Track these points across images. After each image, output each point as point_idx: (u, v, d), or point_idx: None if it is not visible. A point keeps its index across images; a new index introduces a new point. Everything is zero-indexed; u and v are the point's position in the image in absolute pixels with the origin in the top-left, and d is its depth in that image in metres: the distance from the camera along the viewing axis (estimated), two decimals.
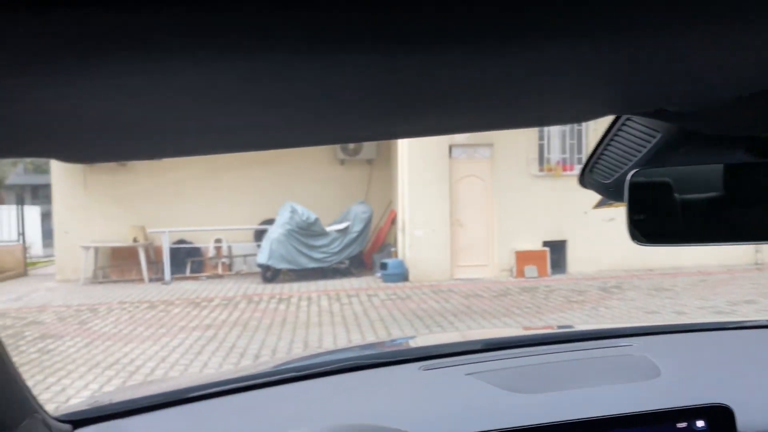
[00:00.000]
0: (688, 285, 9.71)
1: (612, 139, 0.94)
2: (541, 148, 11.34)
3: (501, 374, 1.27)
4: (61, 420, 1.06)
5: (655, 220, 0.89)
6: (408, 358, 1.41)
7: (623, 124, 0.90)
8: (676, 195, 0.87)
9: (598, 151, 0.97)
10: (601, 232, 11.35)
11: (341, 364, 1.36)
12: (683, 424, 1.05)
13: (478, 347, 1.52)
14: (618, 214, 11.42)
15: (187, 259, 12.08)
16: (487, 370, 1.29)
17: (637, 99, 0.69)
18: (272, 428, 1.14)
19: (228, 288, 10.65)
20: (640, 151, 0.89)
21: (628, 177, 0.86)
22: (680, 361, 1.38)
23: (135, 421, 1.15)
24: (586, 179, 1.03)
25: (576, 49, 0.47)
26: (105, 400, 1.24)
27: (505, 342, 1.60)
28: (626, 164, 0.92)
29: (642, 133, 0.88)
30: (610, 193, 1.00)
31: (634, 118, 0.87)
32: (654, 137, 0.85)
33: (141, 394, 1.28)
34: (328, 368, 1.33)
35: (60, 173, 12.06)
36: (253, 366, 2.10)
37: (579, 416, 1.06)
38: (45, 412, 0.97)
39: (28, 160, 20.38)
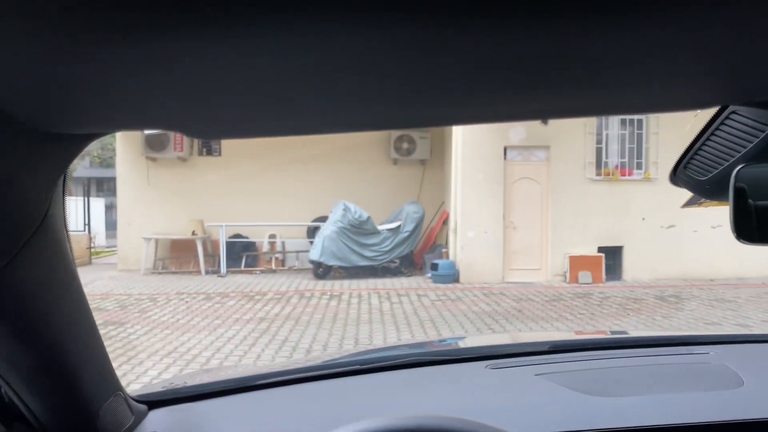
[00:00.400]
0: (752, 296, 9.32)
1: (713, 134, 0.89)
2: (599, 151, 11.10)
3: (572, 376, 1.24)
4: (138, 401, 1.11)
5: (764, 216, 0.84)
6: (473, 356, 1.40)
7: (727, 117, 0.85)
8: None
9: (696, 146, 0.92)
10: (660, 239, 11.03)
11: (406, 359, 1.36)
12: None
13: (545, 348, 1.48)
14: (679, 221, 11.08)
15: (242, 253, 12.38)
16: (557, 372, 1.26)
17: (757, 86, 0.62)
18: (342, 417, 1.15)
19: (281, 283, 10.84)
20: (744, 146, 0.84)
21: (735, 172, 0.82)
22: (763, 372, 1.30)
23: (207, 405, 1.19)
24: (678, 176, 0.98)
25: (689, 27, 0.44)
26: (179, 384, 1.29)
27: (574, 344, 1.56)
28: (727, 160, 0.87)
29: (749, 127, 0.82)
30: (704, 191, 0.96)
31: (740, 110, 0.82)
32: (763, 131, 0.81)
33: (213, 379, 1.32)
34: (394, 362, 1.34)
35: (124, 167, 12.55)
36: (313, 359, 2.12)
37: (658, 423, 1.02)
38: (125, 391, 1.01)
39: (95, 153, 21.25)
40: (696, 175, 0.94)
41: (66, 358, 0.80)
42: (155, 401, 1.15)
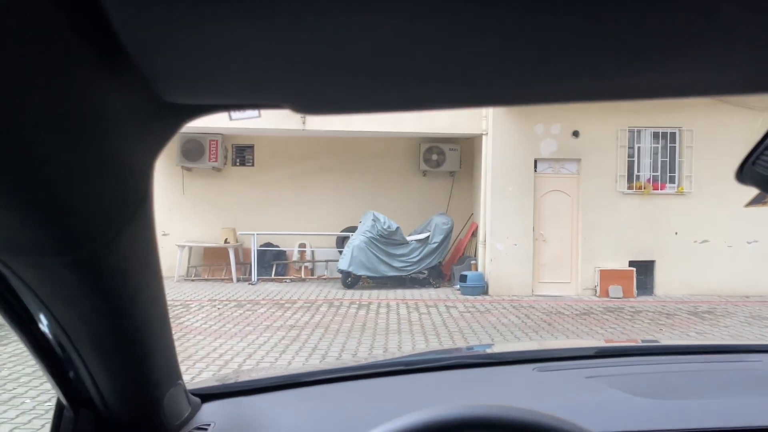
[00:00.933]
0: None
1: None
2: (630, 165, 11.00)
3: (624, 379, 1.23)
4: (193, 393, 1.15)
5: None
6: (520, 359, 1.40)
7: None
8: None
9: (767, 141, 0.87)
10: (693, 253, 10.86)
11: (454, 361, 1.37)
12: None
13: (592, 353, 1.47)
14: (713, 236, 10.89)
15: (272, 262, 12.55)
16: (609, 375, 1.25)
17: None
18: (393, 413, 1.18)
19: (310, 291, 10.96)
20: None
21: None
22: None
23: (258, 399, 1.23)
24: (746, 173, 0.92)
25: None
26: (231, 379, 1.33)
27: (620, 350, 1.55)
28: None
29: None
30: None
31: None
32: None
33: (262, 376, 1.36)
34: (442, 363, 1.35)
35: (161, 176, 12.84)
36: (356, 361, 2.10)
37: (714, 425, 1.01)
38: (184, 384, 1.04)
39: None
40: (765, 171, 0.89)
41: (144, 341, 0.82)
42: (208, 394, 1.19)
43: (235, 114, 9.44)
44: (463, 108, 0.64)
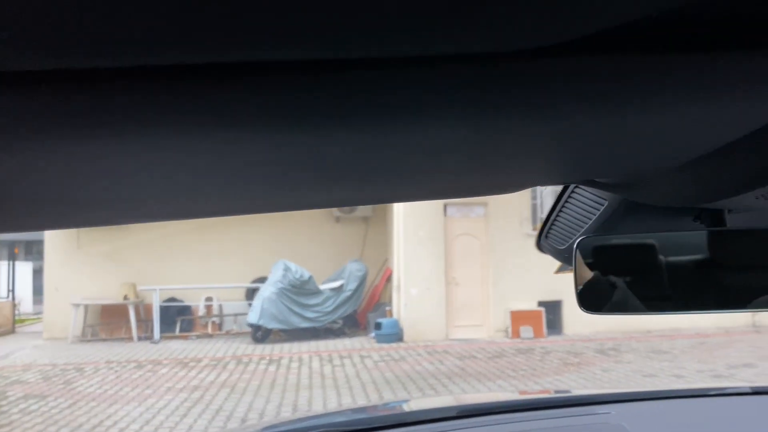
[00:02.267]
0: (686, 348, 9.57)
1: (563, 207, 0.94)
2: (534, 207, 11.39)
3: None
4: None
5: (603, 287, 0.87)
6: (377, 426, 1.38)
7: (572, 193, 0.90)
8: (625, 262, 0.86)
9: (552, 217, 0.97)
10: None
11: (324, 429, 1.35)
12: None
13: (453, 414, 1.49)
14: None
15: (177, 318, 11.89)
16: None
17: (563, 172, 0.70)
18: None
19: (217, 348, 10.44)
20: (589, 219, 0.89)
21: (575, 244, 0.85)
22: (656, 429, 1.35)
23: None
24: (542, 244, 1.04)
25: (507, 125, 0.49)
26: None
27: (480, 409, 1.57)
28: (578, 231, 0.92)
29: (590, 201, 0.88)
30: (565, 259, 1.00)
31: (582, 187, 0.87)
32: (601, 206, 0.86)
33: None
34: None
35: (53, 231, 12.04)
36: (241, 429, 2.08)
37: None
38: None
39: None
40: (556, 243, 0.99)
41: None
42: None
43: None
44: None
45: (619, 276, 0.86)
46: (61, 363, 9.25)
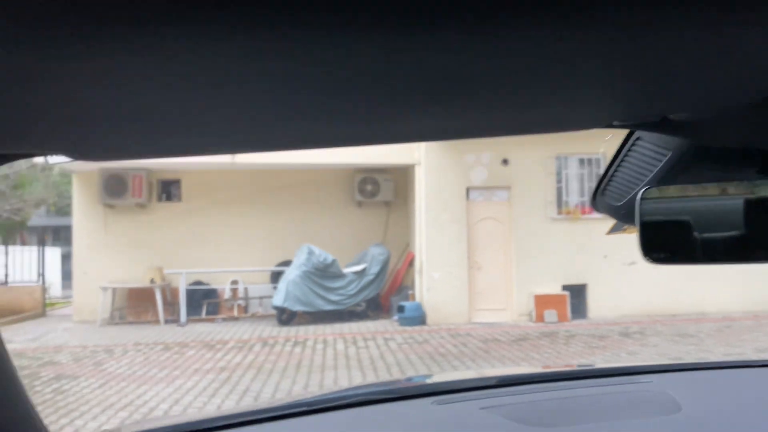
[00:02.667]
0: (712, 331, 9.46)
1: (623, 160, 0.93)
2: (559, 191, 11.30)
3: (517, 408, 1.25)
4: None
5: (667, 237, 0.87)
6: (420, 393, 1.40)
7: (633, 144, 0.89)
8: (689, 212, 0.86)
9: (609, 172, 0.96)
10: (622, 276, 11.17)
11: (352, 399, 1.35)
12: None
13: (493, 383, 1.50)
14: (640, 258, 11.22)
15: (203, 301, 12.07)
16: (503, 405, 1.27)
17: (640, 107, 0.67)
18: None
19: (243, 330, 10.58)
20: (651, 171, 0.88)
21: (639, 194, 0.85)
22: (701, 397, 1.35)
23: None
24: (598, 203, 1.01)
25: (576, 48, 0.46)
26: (123, 430, 1.25)
27: (521, 378, 1.58)
28: (637, 184, 0.91)
29: (652, 152, 0.86)
30: (621, 217, 0.98)
31: (645, 136, 0.86)
32: (665, 155, 0.84)
33: (157, 425, 1.29)
34: (340, 402, 1.32)
35: (81, 215, 12.24)
36: (268, 403, 2.10)
37: None
38: None
39: (51, 201, 20.72)
40: (612, 200, 0.97)
41: None
42: None
43: (51, 159, 9.21)
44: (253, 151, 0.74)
45: (685, 226, 0.85)
46: (90, 345, 9.45)
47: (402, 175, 12.71)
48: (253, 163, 11.25)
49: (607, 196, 0.98)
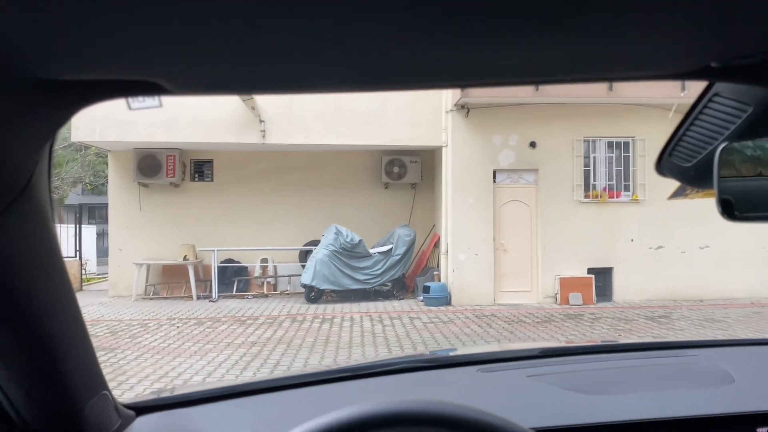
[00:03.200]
0: (741, 317, 9.39)
1: (697, 117, 0.87)
2: (586, 174, 11.24)
3: (564, 377, 1.24)
4: (127, 407, 1.10)
5: (748, 194, 0.83)
6: (463, 362, 1.40)
7: (710, 100, 0.84)
8: None
9: (680, 132, 0.90)
10: (649, 260, 11.12)
11: (397, 365, 1.36)
12: (763, 429, 1.01)
13: (536, 353, 1.49)
14: (667, 242, 11.19)
15: (233, 278, 12.36)
16: (549, 373, 1.26)
17: (738, 40, 0.56)
18: None
19: (272, 307, 10.83)
20: (728, 128, 0.82)
21: (719, 150, 0.81)
22: (753, 371, 1.31)
23: (195, 411, 1.18)
24: (664, 164, 0.96)
25: None
26: (166, 392, 1.29)
27: (564, 350, 1.57)
28: (711, 144, 0.86)
29: (732, 107, 0.80)
30: (689, 179, 0.95)
31: (723, 92, 0.80)
32: (745, 111, 0.78)
33: (200, 389, 1.31)
34: (385, 368, 1.34)
35: (116, 193, 12.57)
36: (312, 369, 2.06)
37: (649, 416, 1.03)
38: (112, 394, 1.00)
39: (87, 180, 21.21)
40: (681, 161, 0.93)
41: (51, 344, 0.76)
42: (143, 407, 1.14)
43: (134, 104, 8.96)
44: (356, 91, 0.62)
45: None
46: (126, 319, 9.77)
47: (429, 157, 12.76)
48: (282, 144, 11.41)
49: (676, 157, 0.93)
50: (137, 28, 0.47)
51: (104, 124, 10.79)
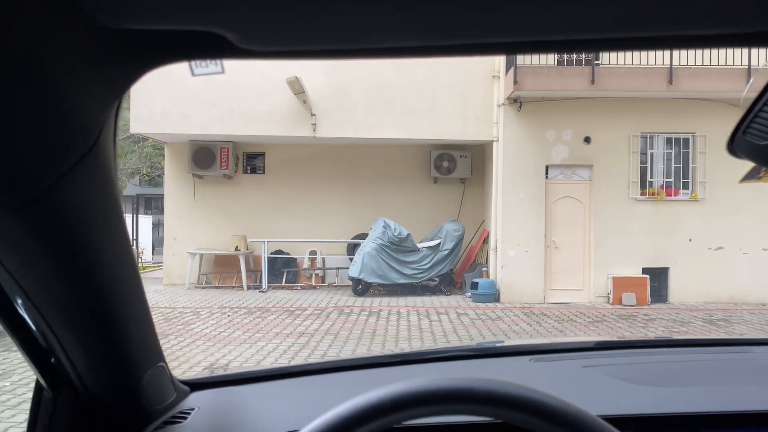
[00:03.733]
0: None
1: None
2: (643, 171, 10.91)
3: (622, 368, 1.22)
4: (183, 382, 1.14)
5: None
6: (516, 351, 1.39)
7: None
8: None
9: (757, 107, 0.83)
10: (708, 260, 10.72)
11: (449, 353, 1.36)
12: None
13: (591, 346, 1.46)
14: (728, 242, 10.74)
15: (283, 269, 12.55)
16: (606, 365, 1.24)
17: None
18: None
19: (321, 298, 10.94)
20: None
21: None
22: None
23: (247, 389, 1.22)
24: (737, 144, 0.89)
25: None
26: (219, 370, 1.34)
27: (620, 343, 1.53)
28: None
29: None
30: (766, 158, 0.87)
31: None
32: None
33: (252, 369, 1.35)
34: (437, 355, 1.35)
35: (172, 185, 12.92)
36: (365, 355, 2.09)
37: (708, 409, 1.00)
38: (168, 368, 1.03)
39: (144, 171, 21.90)
40: (757, 139, 0.86)
41: (114, 309, 0.78)
42: (197, 383, 1.18)
43: (197, 69, 9.22)
44: (444, 55, 0.59)
45: None
46: (179, 306, 10.05)
47: (479, 152, 12.63)
48: (333, 137, 11.49)
49: (752, 135, 0.87)
50: None
51: (162, 116, 11.09)
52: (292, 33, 0.55)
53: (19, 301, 0.71)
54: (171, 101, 10.93)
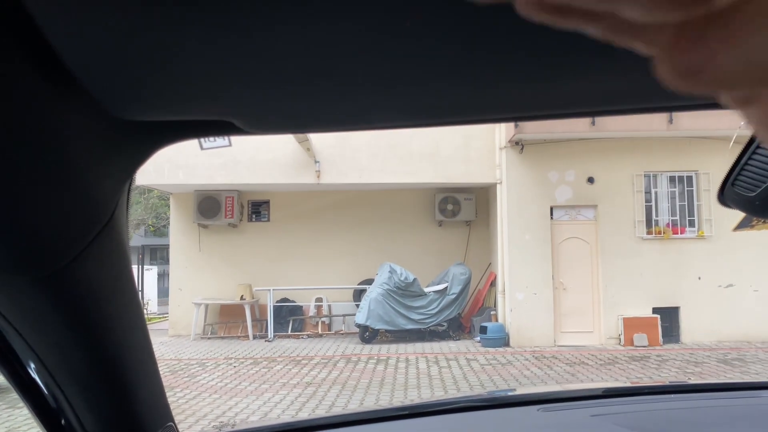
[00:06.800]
0: None
1: (759, 144, 0.83)
2: (648, 209, 10.88)
3: (631, 417, 1.19)
4: None
5: None
6: (524, 401, 1.37)
7: None
8: None
9: (742, 160, 0.86)
10: (719, 299, 10.58)
11: (457, 404, 1.35)
12: None
13: (600, 393, 1.43)
14: (737, 280, 10.63)
15: (289, 317, 12.44)
16: (615, 413, 1.21)
17: None
18: None
19: (327, 347, 10.80)
20: None
21: None
22: None
23: None
24: (727, 194, 0.92)
25: None
26: (227, 427, 1.32)
27: (629, 389, 1.51)
28: None
29: None
30: (756, 208, 0.89)
31: None
32: None
33: (261, 425, 1.33)
34: (445, 407, 1.32)
35: (177, 234, 12.95)
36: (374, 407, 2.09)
37: None
38: (177, 427, 1.01)
39: (150, 222, 22.00)
40: (745, 191, 0.88)
41: (123, 372, 0.79)
42: None
43: (206, 144, 9.57)
44: (424, 126, 0.62)
45: None
46: (185, 358, 9.93)
47: (483, 195, 12.66)
48: (337, 183, 11.55)
49: (740, 187, 0.89)
50: (218, 75, 0.49)
51: (168, 168, 11.20)
52: (297, 118, 0.59)
53: (32, 365, 0.73)
54: (176, 152, 11.05)
